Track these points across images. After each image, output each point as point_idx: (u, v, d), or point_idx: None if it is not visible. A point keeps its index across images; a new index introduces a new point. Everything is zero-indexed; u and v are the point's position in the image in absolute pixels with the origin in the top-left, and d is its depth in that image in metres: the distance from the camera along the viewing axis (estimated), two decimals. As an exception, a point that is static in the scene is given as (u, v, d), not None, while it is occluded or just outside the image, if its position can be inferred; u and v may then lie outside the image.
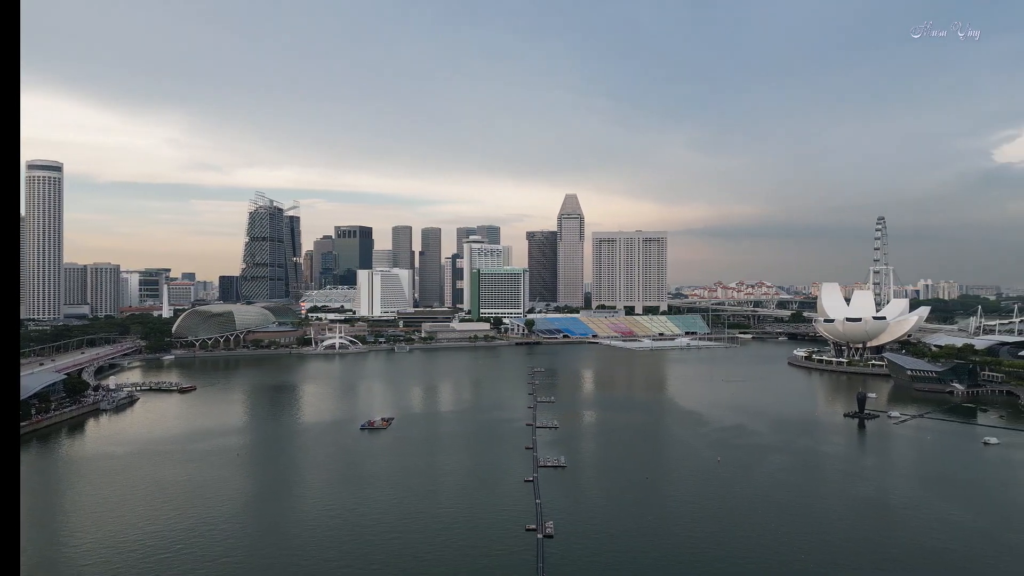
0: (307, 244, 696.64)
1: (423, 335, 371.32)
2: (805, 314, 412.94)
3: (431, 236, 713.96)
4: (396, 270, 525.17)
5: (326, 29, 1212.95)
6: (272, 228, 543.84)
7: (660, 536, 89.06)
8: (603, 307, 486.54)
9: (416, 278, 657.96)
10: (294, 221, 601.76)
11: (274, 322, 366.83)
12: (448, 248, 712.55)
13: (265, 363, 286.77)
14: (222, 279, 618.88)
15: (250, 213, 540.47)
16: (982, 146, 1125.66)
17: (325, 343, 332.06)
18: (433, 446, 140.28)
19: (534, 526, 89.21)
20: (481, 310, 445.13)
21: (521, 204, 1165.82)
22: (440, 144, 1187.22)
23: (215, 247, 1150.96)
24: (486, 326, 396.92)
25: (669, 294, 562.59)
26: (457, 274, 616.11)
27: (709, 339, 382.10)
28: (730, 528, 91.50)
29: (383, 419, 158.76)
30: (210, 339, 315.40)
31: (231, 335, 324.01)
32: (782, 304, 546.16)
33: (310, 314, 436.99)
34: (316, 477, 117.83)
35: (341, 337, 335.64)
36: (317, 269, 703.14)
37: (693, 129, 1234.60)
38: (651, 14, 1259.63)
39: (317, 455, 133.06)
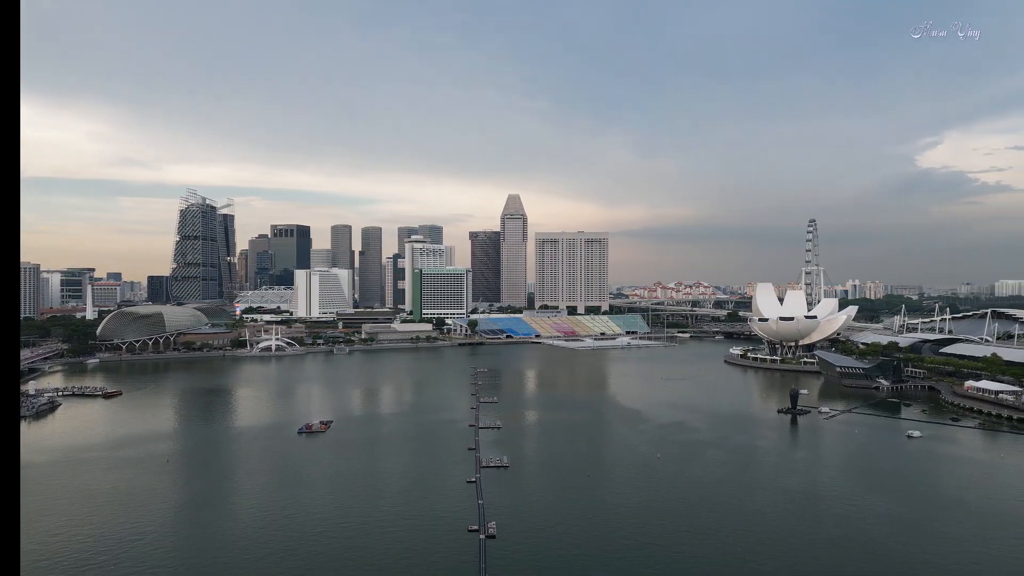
0: (242, 243, 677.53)
1: (363, 336, 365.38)
2: (741, 313, 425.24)
3: (371, 236, 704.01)
4: (335, 270, 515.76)
5: (261, 24, 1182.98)
6: (204, 226, 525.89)
7: (602, 533, 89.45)
8: (546, 307, 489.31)
9: (356, 278, 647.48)
10: (228, 219, 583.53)
11: (207, 324, 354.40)
12: (389, 248, 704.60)
13: (197, 366, 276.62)
14: (151, 279, 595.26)
15: (181, 211, 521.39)
16: (906, 152, 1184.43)
17: (261, 345, 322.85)
18: (374, 449, 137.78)
19: (476, 527, 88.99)
20: (423, 311, 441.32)
21: (464, 204, 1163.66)
22: (380, 143, 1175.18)
23: (143, 246, 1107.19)
24: (428, 327, 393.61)
25: (610, 294, 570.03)
26: (399, 274, 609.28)
27: (649, 338, 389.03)
28: (669, 522, 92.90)
29: (322, 422, 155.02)
30: (138, 341, 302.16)
31: (160, 337, 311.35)
32: (719, 304, 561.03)
33: (245, 315, 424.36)
34: (252, 482, 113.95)
35: (277, 339, 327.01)
36: (252, 269, 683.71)
37: (631, 132, 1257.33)
38: (588, 16, 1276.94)
39: (253, 460, 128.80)
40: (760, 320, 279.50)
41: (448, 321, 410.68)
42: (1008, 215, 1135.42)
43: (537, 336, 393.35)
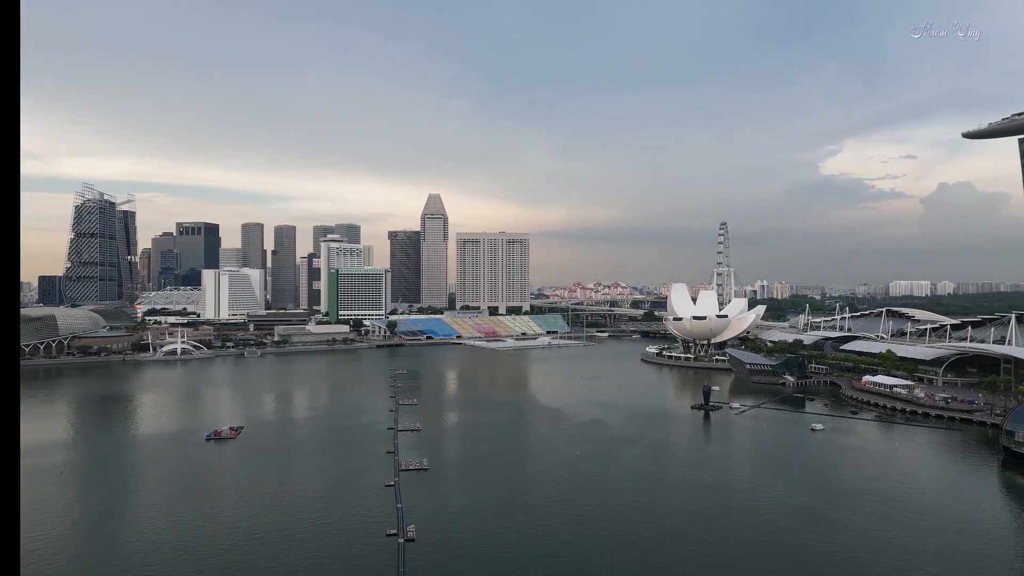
0: (144, 242, 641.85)
1: (276, 339, 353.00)
2: (657, 313, 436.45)
3: (285, 234, 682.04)
4: (246, 270, 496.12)
5: (169, 13, 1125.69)
6: (103, 223, 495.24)
7: (521, 532, 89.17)
8: (467, 308, 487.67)
9: (268, 278, 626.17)
10: (128, 216, 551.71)
11: (105, 326, 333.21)
12: (304, 247, 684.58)
13: (94, 371, 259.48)
14: (42, 279, 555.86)
15: (76, 207, 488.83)
16: (810, 159, 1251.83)
17: (165, 348, 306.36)
18: (288, 454, 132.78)
19: (395, 531, 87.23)
20: (340, 312, 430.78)
21: (383, 203, 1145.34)
22: (296, 138, 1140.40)
23: (33, 244, 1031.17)
24: (345, 328, 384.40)
25: (532, 294, 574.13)
26: (314, 274, 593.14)
27: (569, 338, 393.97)
28: (588, 519, 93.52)
29: (231, 428, 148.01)
30: (27, 346, 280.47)
31: (53, 341, 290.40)
32: (636, 303, 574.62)
33: (147, 317, 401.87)
34: (156, 492, 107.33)
35: (183, 342, 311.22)
36: (156, 269, 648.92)
37: (553, 134, 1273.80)
38: (510, 18, 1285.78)
39: (156, 469, 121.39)
40: (675, 319, 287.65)
41: (366, 322, 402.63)
42: (901, 220, 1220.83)
43: (458, 337, 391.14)
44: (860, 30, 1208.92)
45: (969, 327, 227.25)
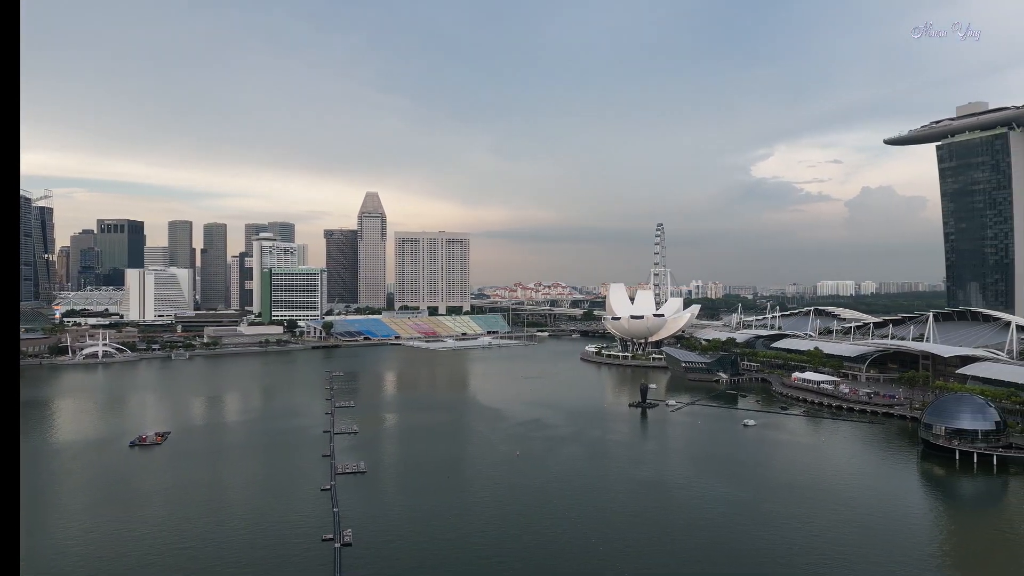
0: (62, 240, 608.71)
1: (206, 340, 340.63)
2: (596, 312, 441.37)
3: (215, 232, 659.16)
4: (173, 269, 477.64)
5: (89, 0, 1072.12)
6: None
7: (461, 534, 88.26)
8: (406, 308, 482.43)
9: (197, 278, 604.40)
10: (45, 213, 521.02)
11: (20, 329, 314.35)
12: (235, 246, 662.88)
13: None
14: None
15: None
16: (742, 162, 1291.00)
17: (85, 351, 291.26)
18: (218, 459, 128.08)
19: (331, 536, 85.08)
20: (273, 312, 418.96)
21: (318, 201, 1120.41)
22: (226, 133, 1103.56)
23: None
24: (279, 329, 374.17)
25: (472, 294, 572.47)
26: (246, 274, 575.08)
27: (510, 337, 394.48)
28: (528, 519, 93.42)
29: (157, 434, 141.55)
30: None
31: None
32: (576, 303, 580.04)
33: (66, 319, 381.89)
34: (75, 502, 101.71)
35: (105, 344, 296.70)
36: (75, 268, 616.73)
37: (494, 133, 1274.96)
38: (450, 16, 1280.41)
39: (76, 478, 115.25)
40: (613, 318, 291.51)
41: (301, 323, 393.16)
42: (828, 222, 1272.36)
43: (397, 337, 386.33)
44: (790, 38, 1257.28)
45: (890, 325, 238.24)
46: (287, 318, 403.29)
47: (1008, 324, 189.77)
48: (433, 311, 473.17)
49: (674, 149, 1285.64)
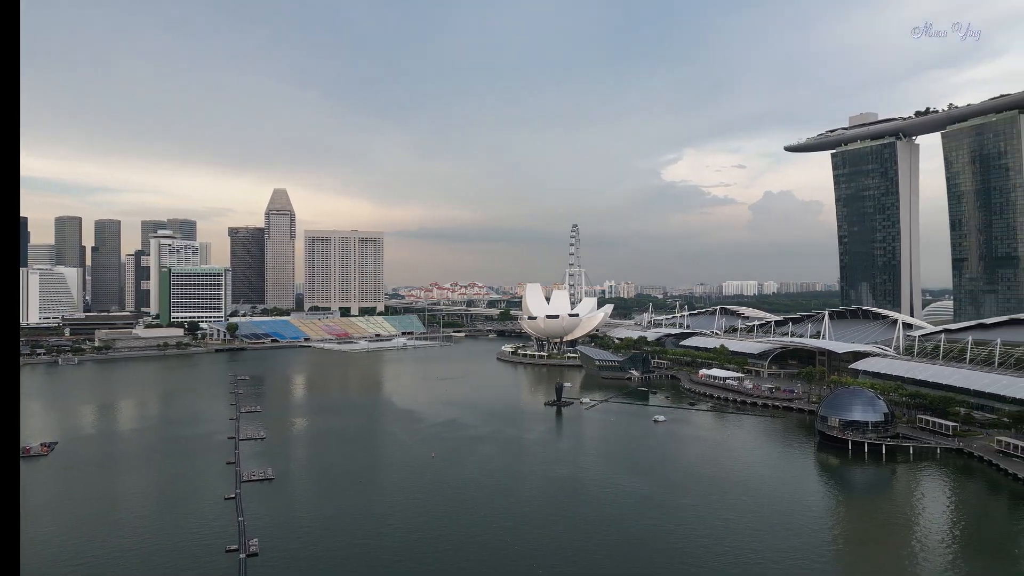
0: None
1: (97, 344, 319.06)
2: (512, 312, 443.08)
3: (108, 229, 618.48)
4: (60, 268, 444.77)
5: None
6: None
7: (375, 539, 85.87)
8: (316, 309, 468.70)
9: (88, 278, 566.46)
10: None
11: None
12: (131, 244, 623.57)
13: None
14: None
15: None
16: (653, 166, 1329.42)
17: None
18: (111, 470, 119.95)
19: (236, 546, 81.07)
20: (173, 314, 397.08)
21: (222, 198, 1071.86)
22: (120, 124, 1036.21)
23: None
24: (179, 332, 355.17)
25: (386, 295, 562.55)
26: (142, 274, 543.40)
27: (425, 338, 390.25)
28: (442, 520, 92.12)
29: (42, 444, 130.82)
30: None
31: None
32: (492, 303, 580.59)
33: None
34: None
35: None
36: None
37: (408, 131, 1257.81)
38: (359, 12, 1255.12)
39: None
40: (529, 318, 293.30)
41: (203, 325, 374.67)
42: (733, 225, 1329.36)
43: (307, 339, 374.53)
44: (696, 46, 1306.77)
45: (790, 323, 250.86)
46: (188, 320, 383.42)
47: (895, 322, 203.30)
48: (345, 312, 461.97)
49: (588, 151, 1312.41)
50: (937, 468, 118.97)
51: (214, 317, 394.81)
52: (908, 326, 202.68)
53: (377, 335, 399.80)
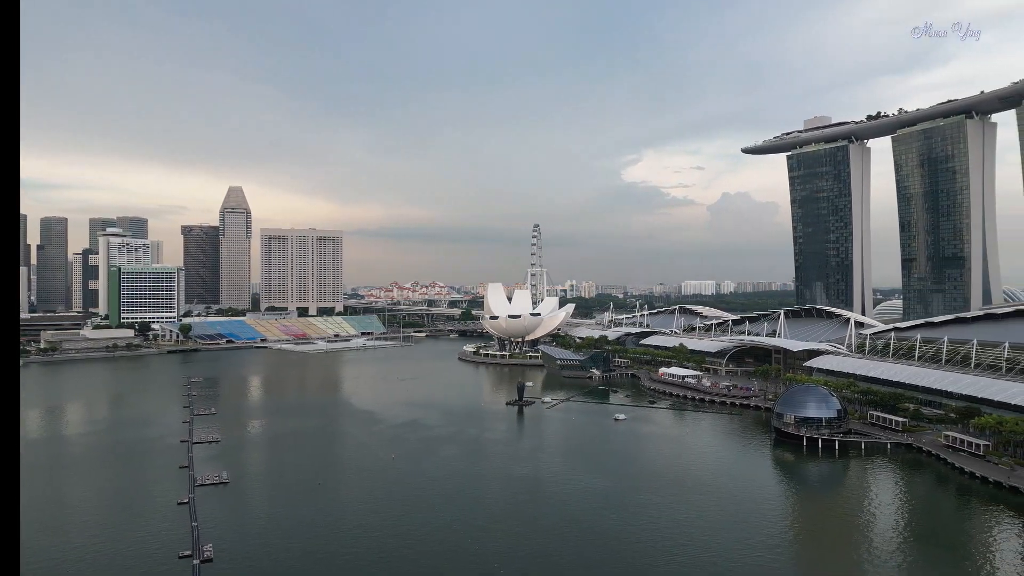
0: None
1: (43, 346, 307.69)
2: (474, 312, 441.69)
3: (54, 227, 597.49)
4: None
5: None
6: None
7: (333, 541, 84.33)
8: (273, 309, 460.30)
9: (33, 277, 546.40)
10: None
11: None
12: (78, 242, 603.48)
13: None
14: None
15: None
16: (613, 167, 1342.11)
17: None
18: (57, 475, 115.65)
19: (189, 552, 78.87)
20: (123, 315, 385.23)
21: (175, 195, 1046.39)
22: (67, 118, 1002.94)
23: None
24: (129, 333, 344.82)
25: (345, 295, 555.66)
26: (90, 273, 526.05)
27: (385, 338, 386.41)
28: (403, 521, 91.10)
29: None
30: None
31: None
32: (454, 303, 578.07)
33: None
34: None
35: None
36: None
37: (368, 129, 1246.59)
38: (322, 8, 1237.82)
39: None
40: (491, 318, 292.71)
41: (155, 326, 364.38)
42: (691, 225, 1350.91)
43: (263, 340, 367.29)
44: (656, 49, 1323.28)
45: (747, 322, 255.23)
46: (139, 321, 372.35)
47: (848, 321, 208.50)
48: (303, 312, 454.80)
49: (550, 152, 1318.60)
50: (887, 463, 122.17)
51: (166, 318, 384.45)
52: (860, 325, 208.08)
53: (336, 335, 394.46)
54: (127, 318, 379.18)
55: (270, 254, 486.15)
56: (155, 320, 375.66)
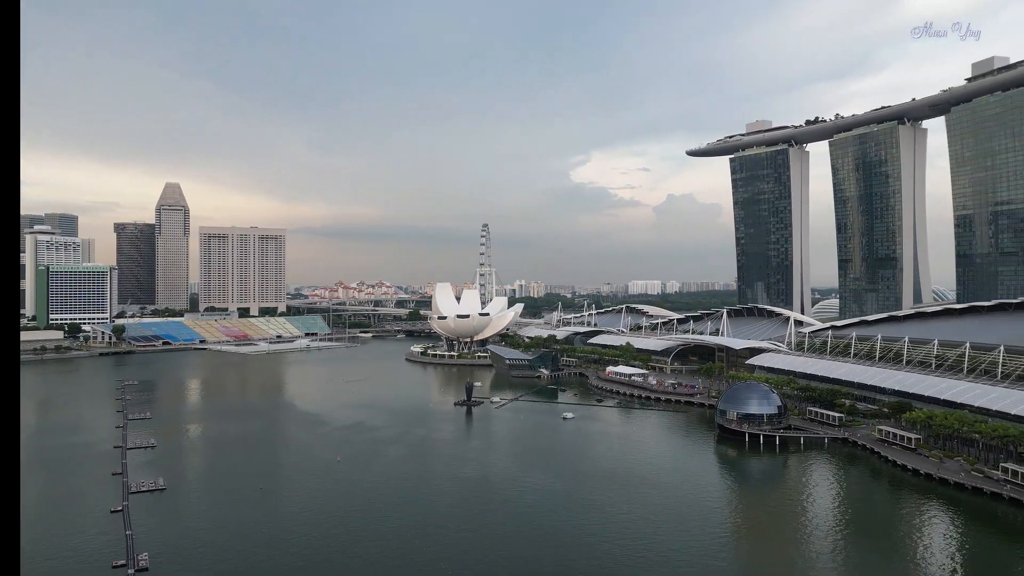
0: None
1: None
2: (422, 312, 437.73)
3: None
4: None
5: None
6: None
7: (276, 546, 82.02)
8: (213, 309, 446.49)
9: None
10: None
11: None
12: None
13: None
14: None
15: None
16: (562, 168, 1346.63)
17: None
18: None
19: (123, 561, 75.78)
20: (51, 316, 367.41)
21: (108, 191, 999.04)
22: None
23: None
24: (59, 335, 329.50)
25: (288, 295, 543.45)
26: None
27: (330, 339, 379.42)
28: (348, 525, 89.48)
29: None
30: None
31: None
32: (401, 303, 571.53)
33: None
34: None
35: None
36: None
37: (312, 126, 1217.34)
38: (265, 1, 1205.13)
39: None
40: (439, 318, 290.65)
41: (86, 328, 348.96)
42: (638, 226, 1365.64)
43: (202, 341, 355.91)
44: (604, 51, 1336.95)
45: (691, 321, 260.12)
46: (68, 322, 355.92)
47: (787, 319, 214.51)
48: (244, 313, 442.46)
49: (498, 152, 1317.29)
50: (825, 457, 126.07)
51: (98, 319, 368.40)
52: (799, 323, 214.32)
53: (279, 336, 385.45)
54: (56, 319, 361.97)
55: (209, 253, 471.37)
56: (86, 321, 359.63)
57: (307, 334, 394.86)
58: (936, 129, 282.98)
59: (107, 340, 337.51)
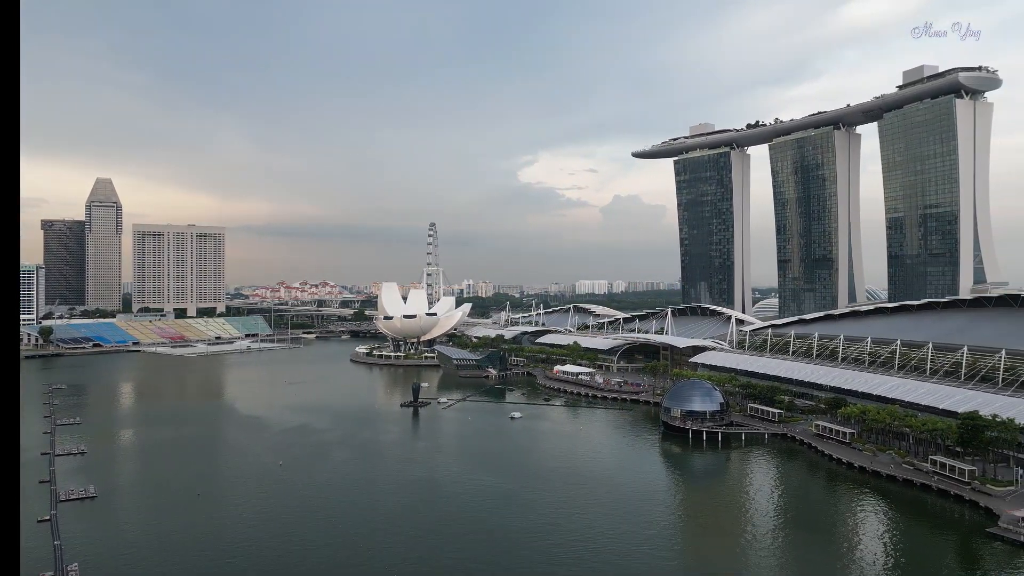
0: None
1: None
2: (367, 312, 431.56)
3: None
4: None
5: None
6: None
7: (213, 555, 79.35)
8: (147, 310, 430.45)
9: None
10: None
11: None
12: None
13: None
14: None
15: None
16: (510, 168, 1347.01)
17: None
18: None
19: (52, 573, 72.67)
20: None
21: (33, 187, 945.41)
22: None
23: None
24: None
25: (228, 295, 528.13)
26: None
27: (272, 340, 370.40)
28: (290, 531, 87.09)
29: None
30: None
31: None
32: (346, 303, 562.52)
33: None
34: None
35: None
36: None
37: (252, 122, 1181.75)
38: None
39: None
40: (385, 318, 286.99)
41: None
42: (585, 226, 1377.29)
43: (136, 343, 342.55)
44: (553, 52, 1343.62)
45: (637, 320, 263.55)
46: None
47: (729, 318, 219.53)
48: (181, 313, 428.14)
49: (446, 151, 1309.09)
50: (765, 452, 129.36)
51: (24, 320, 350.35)
52: (740, 322, 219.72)
53: (217, 338, 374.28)
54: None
55: (144, 251, 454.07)
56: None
57: (247, 335, 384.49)
58: (869, 134, 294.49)
59: (33, 342, 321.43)
